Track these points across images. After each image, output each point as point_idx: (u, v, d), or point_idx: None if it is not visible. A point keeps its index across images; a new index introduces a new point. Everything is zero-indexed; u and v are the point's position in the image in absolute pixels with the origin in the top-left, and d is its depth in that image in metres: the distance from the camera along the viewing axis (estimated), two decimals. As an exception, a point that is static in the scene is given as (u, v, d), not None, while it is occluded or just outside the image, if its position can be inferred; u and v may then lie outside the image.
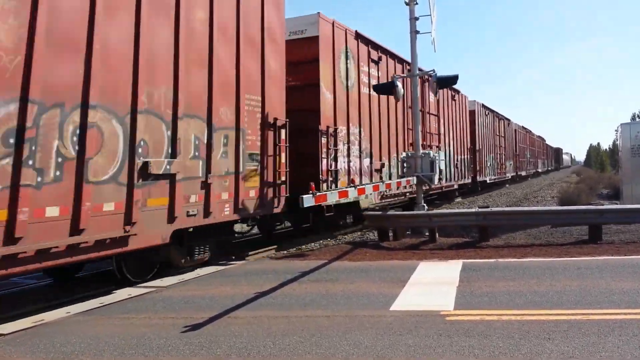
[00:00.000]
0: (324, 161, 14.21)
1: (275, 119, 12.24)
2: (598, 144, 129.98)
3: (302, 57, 14.20)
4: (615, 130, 24.45)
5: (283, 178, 12.44)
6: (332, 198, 11.68)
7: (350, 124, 15.78)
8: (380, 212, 14.20)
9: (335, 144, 14.84)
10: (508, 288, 7.85)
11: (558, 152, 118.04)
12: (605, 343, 5.34)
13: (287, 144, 12.62)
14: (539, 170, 72.07)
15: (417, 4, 15.29)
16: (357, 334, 5.97)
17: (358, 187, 13.07)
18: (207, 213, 9.92)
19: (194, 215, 9.61)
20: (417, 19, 15.24)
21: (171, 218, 9.14)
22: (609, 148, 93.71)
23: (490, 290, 7.78)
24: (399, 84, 15.14)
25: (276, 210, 12.27)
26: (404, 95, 16.36)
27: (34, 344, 6.16)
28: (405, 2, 15.28)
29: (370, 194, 15.47)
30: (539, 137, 76.72)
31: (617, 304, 6.78)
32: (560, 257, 10.40)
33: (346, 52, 15.70)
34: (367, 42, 17.23)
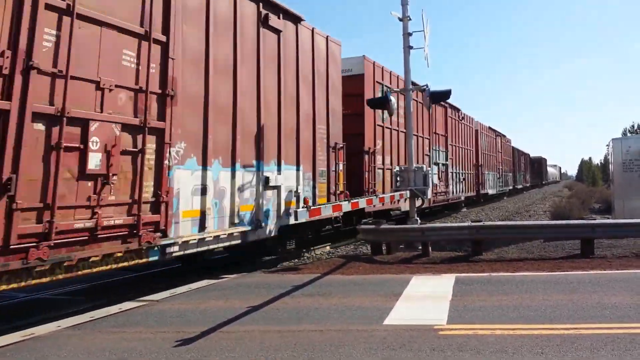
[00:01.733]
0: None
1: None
2: (590, 158, 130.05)
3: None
4: (607, 145, 24.57)
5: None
6: (326, 212, 11.71)
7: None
8: (373, 226, 14.20)
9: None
10: (501, 302, 7.85)
11: (540, 163, 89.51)
12: (598, 358, 5.34)
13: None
14: (492, 191, 40.66)
15: (410, 19, 15.45)
16: (350, 348, 5.94)
17: (352, 201, 13.08)
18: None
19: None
20: (410, 34, 15.38)
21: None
22: (601, 162, 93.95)
23: (483, 304, 7.78)
24: (393, 98, 15.22)
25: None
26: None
27: (23, 358, 6.09)
28: (399, 18, 15.43)
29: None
30: (496, 132, 44.42)
31: (609, 318, 6.79)
32: (552, 271, 10.43)
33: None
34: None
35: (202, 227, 9.90)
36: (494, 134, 43.90)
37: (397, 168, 17.54)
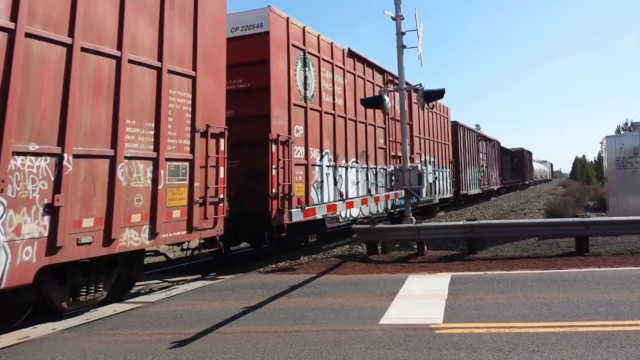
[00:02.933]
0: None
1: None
2: (584, 156, 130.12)
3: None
4: (601, 143, 24.68)
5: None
6: (321, 212, 11.69)
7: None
8: (368, 226, 14.21)
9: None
10: (496, 300, 7.86)
11: (522, 157, 66.72)
12: (594, 355, 5.36)
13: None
14: (378, 208, 18.09)
15: (403, 19, 15.48)
16: (347, 348, 5.94)
17: (346, 200, 13.08)
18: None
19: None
20: (403, 33, 15.42)
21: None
22: (595, 160, 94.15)
23: (478, 303, 7.80)
24: (387, 97, 15.24)
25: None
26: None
27: (18, 361, 6.07)
28: (392, 18, 15.45)
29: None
30: (388, 74, 20.35)
31: (604, 315, 6.81)
32: (547, 269, 10.46)
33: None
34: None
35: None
36: (385, 76, 20.33)
37: (392, 167, 17.54)
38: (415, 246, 13.74)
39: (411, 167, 15.56)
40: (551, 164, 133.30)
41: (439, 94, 15.32)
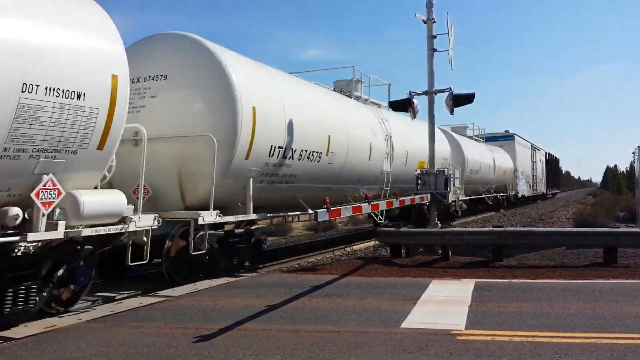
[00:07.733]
0: None
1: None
2: (615, 166, 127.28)
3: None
4: (633, 153, 24.27)
5: None
6: (346, 213, 11.72)
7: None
8: (393, 229, 14.17)
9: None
10: (520, 309, 7.78)
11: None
12: (618, 368, 5.27)
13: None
14: None
15: (435, 22, 15.37)
16: (367, 350, 5.94)
17: (372, 203, 13.07)
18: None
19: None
20: (434, 37, 15.32)
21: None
22: (627, 170, 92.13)
23: (502, 310, 7.72)
24: (415, 100, 15.18)
25: None
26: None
27: (44, 349, 6.21)
28: (423, 21, 15.37)
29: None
30: None
31: (630, 328, 6.69)
32: (574, 279, 10.30)
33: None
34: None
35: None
36: None
37: (418, 171, 17.47)
38: (440, 251, 13.65)
39: (437, 171, 15.47)
40: (553, 157, 63.75)
41: (469, 98, 15.18)
